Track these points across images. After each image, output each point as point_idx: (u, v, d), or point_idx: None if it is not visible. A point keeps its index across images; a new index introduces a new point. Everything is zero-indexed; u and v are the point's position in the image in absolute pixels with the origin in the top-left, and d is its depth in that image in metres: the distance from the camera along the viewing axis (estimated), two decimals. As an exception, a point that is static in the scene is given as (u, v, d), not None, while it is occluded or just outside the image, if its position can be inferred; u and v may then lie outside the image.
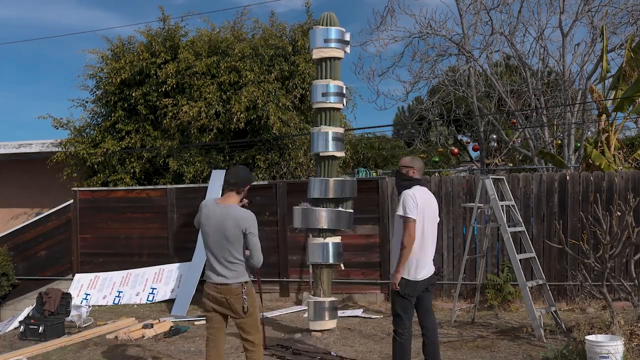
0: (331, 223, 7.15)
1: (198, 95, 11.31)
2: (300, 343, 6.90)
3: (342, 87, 7.30)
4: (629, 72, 11.27)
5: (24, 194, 13.86)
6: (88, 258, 10.68)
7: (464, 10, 15.28)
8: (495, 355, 6.23)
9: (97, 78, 12.39)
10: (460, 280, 7.90)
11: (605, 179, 8.57)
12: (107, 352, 6.84)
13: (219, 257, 4.60)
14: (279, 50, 11.59)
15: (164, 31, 12.18)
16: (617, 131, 12.04)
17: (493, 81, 15.33)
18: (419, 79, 15.50)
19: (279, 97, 11.20)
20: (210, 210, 4.67)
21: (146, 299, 9.84)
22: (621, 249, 6.48)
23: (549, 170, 13.86)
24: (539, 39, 14.84)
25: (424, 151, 20.00)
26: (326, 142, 7.18)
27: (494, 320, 7.83)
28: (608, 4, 13.82)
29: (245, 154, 11.50)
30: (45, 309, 7.93)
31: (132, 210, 10.59)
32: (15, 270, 10.83)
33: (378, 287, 9.28)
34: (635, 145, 18.73)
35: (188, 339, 7.31)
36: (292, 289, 9.63)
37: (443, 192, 8.99)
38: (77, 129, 12.43)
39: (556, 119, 15.37)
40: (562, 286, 8.55)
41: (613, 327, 5.93)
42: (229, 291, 4.59)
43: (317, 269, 7.32)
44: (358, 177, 11.10)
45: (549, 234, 8.57)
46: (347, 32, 7.28)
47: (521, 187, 8.81)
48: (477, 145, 19.53)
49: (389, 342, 6.85)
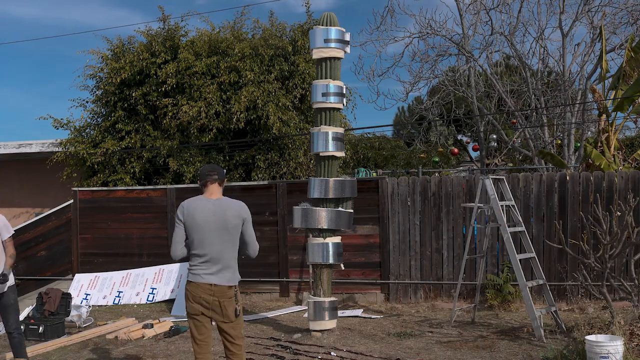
0: (331, 223, 7.15)
1: (198, 95, 11.32)
2: (300, 343, 6.89)
3: (342, 87, 7.30)
4: (629, 72, 11.27)
5: (24, 194, 13.86)
6: (88, 258, 10.68)
7: (464, 10, 15.28)
8: (495, 355, 6.23)
9: (97, 78, 12.40)
10: (460, 280, 7.90)
11: (605, 179, 8.58)
12: (107, 352, 6.84)
13: (217, 255, 4.37)
14: (279, 50, 11.60)
15: (164, 31, 12.19)
16: (617, 131, 12.05)
17: (493, 81, 15.32)
18: (419, 79, 15.50)
19: (278, 97, 11.20)
20: (204, 206, 4.44)
21: (146, 299, 9.85)
22: (621, 249, 6.48)
23: (549, 170, 13.85)
24: (539, 39, 14.84)
25: (423, 151, 20.00)
26: (326, 142, 7.19)
27: (494, 320, 7.83)
28: (608, 4, 13.82)
29: (245, 153, 11.50)
30: (45, 309, 7.93)
31: (132, 210, 10.58)
32: (15, 270, 10.79)
33: (378, 287, 9.28)
34: (635, 145, 18.75)
35: (188, 339, 7.30)
36: (292, 289, 9.63)
37: (443, 192, 8.99)
38: (77, 129, 12.43)
39: (556, 119, 15.37)
40: (562, 286, 8.56)
41: (613, 327, 5.94)
42: (223, 293, 4.37)
43: (317, 269, 7.33)
44: (358, 177, 11.10)
45: (549, 234, 8.57)
46: (347, 32, 7.29)
47: (521, 187, 8.81)
48: (477, 145, 19.52)
49: (389, 342, 6.87)
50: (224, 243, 4.41)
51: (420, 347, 6.65)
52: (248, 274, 8.59)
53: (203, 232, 4.40)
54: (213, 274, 4.39)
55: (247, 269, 8.02)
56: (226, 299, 4.38)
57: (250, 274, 9.15)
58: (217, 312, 4.40)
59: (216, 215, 4.41)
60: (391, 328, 7.59)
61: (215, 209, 4.43)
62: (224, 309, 4.38)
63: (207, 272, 4.39)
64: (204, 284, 4.38)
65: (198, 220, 4.40)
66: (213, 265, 4.39)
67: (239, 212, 4.47)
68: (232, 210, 4.45)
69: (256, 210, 5.07)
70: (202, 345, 4.48)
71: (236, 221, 4.44)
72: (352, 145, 16.20)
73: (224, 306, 4.38)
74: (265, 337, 7.28)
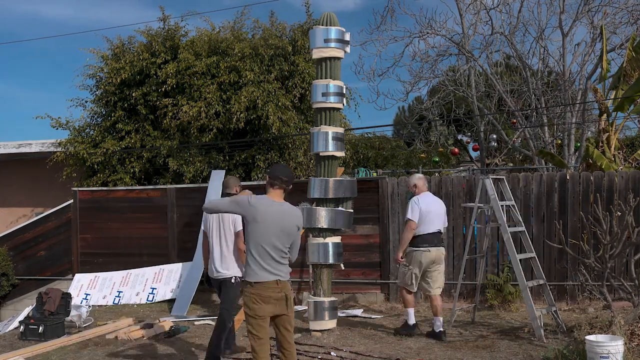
0: (331, 223, 7.15)
1: (198, 95, 11.31)
2: (300, 343, 6.89)
3: (342, 87, 7.30)
4: (629, 72, 11.26)
5: (24, 194, 13.85)
6: (88, 258, 10.68)
7: (464, 10, 15.28)
8: (495, 355, 6.23)
9: (97, 78, 12.39)
10: (460, 280, 7.90)
11: (606, 179, 8.57)
12: (107, 352, 6.84)
13: (275, 255, 4.47)
14: (279, 50, 11.59)
15: (163, 31, 12.18)
16: (617, 131, 12.04)
17: (493, 81, 15.32)
18: (419, 79, 15.51)
19: (278, 97, 11.19)
20: (267, 207, 4.52)
21: (146, 299, 9.84)
22: (621, 249, 6.48)
23: (549, 170, 13.85)
24: (539, 39, 14.84)
25: (424, 151, 20.00)
26: (326, 141, 7.18)
27: (494, 320, 7.83)
28: (608, 3, 13.81)
29: (245, 153, 11.50)
30: (45, 309, 7.92)
31: (132, 210, 10.58)
32: (15, 270, 10.83)
33: (378, 287, 9.28)
34: (636, 145, 18.74)
35: (188, 339, 7.30)
36: (292, 289, 9.62)
37: (443, 192, 8.98)
38: (77, 129, 12.42)
39: (556, 119, 15.37)
40: (562, 286, 8.55)
41: (613, 327, 5.93)
42: (287, 287, 4.53)
43: (317, 269, 7.32)
44: (358, 177, 11.09)
45: (549, 234, 8.57)
46: (347, 32, 7.29)
47: (521, 187, 8.81)
48: (477, 145, 19.52)
49: (389, 342, 6.87)
50: (284, 244, 4.53)
51: (420, 347, 6.65)
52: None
53: (263, 233, 4.47)
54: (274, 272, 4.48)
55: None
56: (289, 292, 4.56)
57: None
58: (281, 307, 4.50)
59: (278, 219, 4.53)
60: (391, 328, 7.59)
61: (278, 212, 4.55)
62: (289, 300, 4.52)
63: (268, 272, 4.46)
64: (271, 282, 4.46)
65: (260, 220, 4.48)
66: (273, 263, 4.49)
67: (297, 220, 4.65)
68: (292, 217, 4.63)
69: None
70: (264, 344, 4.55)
71: (294, 228, 4.60)
72: (352, 145, 16.20)
73: (289, 298, 4.52)
74: (265, 337, 7.27)
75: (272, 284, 4.45)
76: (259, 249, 4.47)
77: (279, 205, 4.58)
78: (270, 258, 4.47)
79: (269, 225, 4.47)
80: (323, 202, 7.22)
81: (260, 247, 4.47)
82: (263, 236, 4.46)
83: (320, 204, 7.22)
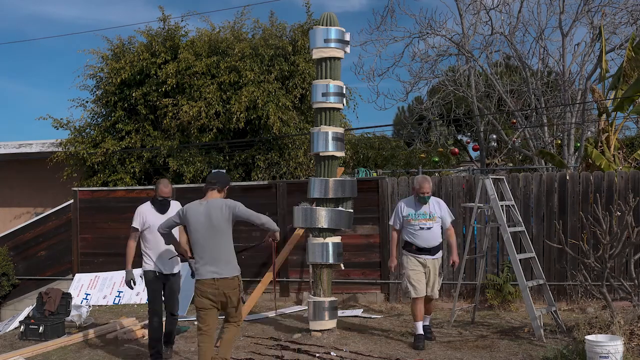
0: (331, 223, 7.15)
1: (198, 95, 11.32)
2: (300, 343, 6.89)
3: (342, 87, 7.30)
4: (629, 72, 11.27)
5: (24, 194, 13.86)
6: (88, 258, 10.68)
7: (463, 10, 15.28)
8: (495, 355, 6.23)
9: (97, 78, 12.41)
10: (460, 280, 7.90)
11: (605, 179, 8.58)
12: (107, 352, 6.84)
13: (213, 249, 4.85)
14: (279, 50, 11.60)
15: (164, 31, 12.19)
16: (617, 131, 12.05)
17: (493, 81, 15.33)
18: (418, 79, 15.51)
19: (279, 97, 11.20)
20: (195, 209, 5.02)
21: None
22: (621, 249, 6.48)
23: (549, 170, 13.86)
24: (539, 39, 14.85)
25: (423, 151, 19.99)
26: (326, 142, 7.19)
27: (494, 320, 7.84)
28: (608, 4, 13.82)
29: (245, 153, 11.51)
30: (46, 309, 7.92)
31: (132, 210, 10.45)
32: (15, 270, 10.84)
33: (378, 287, 9.28)
34: (635, 145, 18.73)
35: (188, 339, 7.31)
36: (292, 289, 9.63)
37: (443, 192, 8.99)
38: (77, 129, 12.43)
39: (556, 119, 15.37)
40: (562, 286, 8.56)
41: (613, 327, 5.94)
42: (225, 284, 4.87)
43: (317, 268, 7.32)
44: (358, 177, 11.10)
45: (549, 234, 8.57)
46: (347, 32, 7.29)
47: (521, 187, 8.81)
48: (477, 145, 19.52)
49: (389, 342, 6.87)
50: (216, 240, 4.91)
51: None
52: (248, 273, 8.60)
53: (197, 232, 4.97)
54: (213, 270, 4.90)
55: (247, 268, 8.03)
56: (230, 290, 4.90)
57: (249, 274, 9.16)
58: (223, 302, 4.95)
59: (205, 216, 4.95)
60: (391, 328, 7.60)
61: (204, 209, 4.99)
62: (229, 298, 4.92)
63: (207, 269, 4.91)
64: (208, 279, 4.90)
65: (193, 222, 4.99)
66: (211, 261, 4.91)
67: (221, 208, 4.93)
68: (215, 208, 4.95)
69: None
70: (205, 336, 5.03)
71: (221, 218, 4.89)
72: (352, 145, 16.21)
73: (229, 296, 4.91)
74: (265, 337, 7.28)
75: (209, 281, 4.89)
76: (196, 248, 5.00)
77: (205, 204, 5.03)
78: (207, 256, 4.90)
79: (199, 225, 4.96)
80: (323, 202, 7.22)
81: (198, 246, 4.96)
82: (197, 234, 4.97)
83: (320, 204, 7.22)
